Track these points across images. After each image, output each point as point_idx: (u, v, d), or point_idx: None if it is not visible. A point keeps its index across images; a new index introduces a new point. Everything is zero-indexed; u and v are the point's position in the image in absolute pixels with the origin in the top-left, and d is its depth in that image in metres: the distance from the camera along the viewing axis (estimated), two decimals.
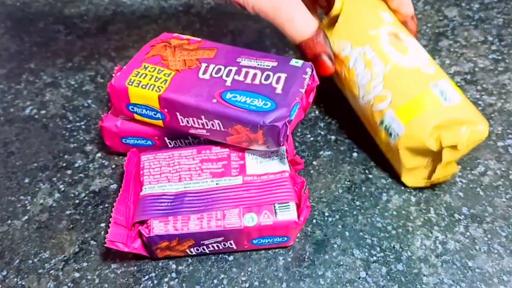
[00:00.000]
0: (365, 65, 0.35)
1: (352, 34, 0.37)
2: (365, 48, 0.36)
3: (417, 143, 0.32)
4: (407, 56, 0.34)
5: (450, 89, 0.33)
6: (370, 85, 0.35)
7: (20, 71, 0.48)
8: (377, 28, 0.36)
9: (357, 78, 0.36)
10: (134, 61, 0.35)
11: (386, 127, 0.34)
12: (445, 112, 0.32)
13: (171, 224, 0.30)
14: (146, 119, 0.35)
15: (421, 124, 0.32)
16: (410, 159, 0.34)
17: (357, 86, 0.36)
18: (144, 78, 0.34)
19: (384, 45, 0.35)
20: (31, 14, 0.56)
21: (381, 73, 0.34)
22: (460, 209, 0.35)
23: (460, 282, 0.31)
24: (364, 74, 0.35)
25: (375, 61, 0.35)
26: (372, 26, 0.36)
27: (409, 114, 0.32)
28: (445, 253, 0.32)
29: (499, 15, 0.51)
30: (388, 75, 0.34)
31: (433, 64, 0.35)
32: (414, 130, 0.32)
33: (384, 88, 0.34)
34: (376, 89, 0.34)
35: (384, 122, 0.34)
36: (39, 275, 0.32)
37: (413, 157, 0.34)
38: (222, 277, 0.32)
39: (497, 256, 0.32)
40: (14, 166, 0.40)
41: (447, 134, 0.31)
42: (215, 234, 0.30)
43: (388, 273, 0.31)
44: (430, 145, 0.32)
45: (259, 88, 0.32)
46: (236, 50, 0.36)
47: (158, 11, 0.55)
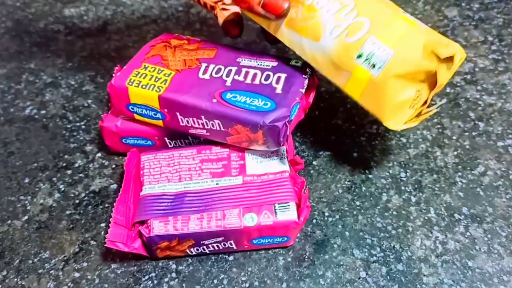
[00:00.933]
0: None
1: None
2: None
3: (410, 65, 0.29)
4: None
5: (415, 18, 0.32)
6: (339, 14, 0.31)
7: (20, 71, 0.48)
8: None
9: (320, 13, 0.31)
10: (134, 61, 0.35)
11: (367, 58, 0.30)
12: (428, 31, 0.30)
13: (171, 224, 0.30)
14: (146, 119, 0.35)
15: (411, 42, 0.29)
16: (399, 91, 0.30)
17: (321, 23, 0.31)
18: (144, 78, 0.34)
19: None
20: (31, 14, 0.56)
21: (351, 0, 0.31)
22: (460, 209, 0.35)
23: (460, 282, 0.31)
24: (330, 5, 0.31)
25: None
26: None
27: (394, 36, 0.30)
28: (445, 253, 0.32)
29: (499, 15, 0.51)
30: (359, 0, 0.31)
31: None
32: (404, 51, 0.29)
33: (358, 16, 0.31)
34: (348, 18, 0.31)
35: (363, 54, 0.30)
36: (39, 275, 0.32)
37: (403, 87, 0.30)
38: (222, 277, 0.32)
39: (497, 256, 0.32)
40: (14, 166, 0.40)
41: (443, 45, 0.29)
42: (215, 234, 0.30)
43: (388, 273, 0.31)
44: (426, 63, 0.29)
45: (259, 88, 0.32)
46: (236, 50, 0.36)
47: (158, 11, 0.55)
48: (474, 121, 0.41)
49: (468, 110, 0.42)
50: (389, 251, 0.33)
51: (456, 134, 0.40)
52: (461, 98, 0.43)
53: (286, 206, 0.31)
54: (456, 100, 0.43)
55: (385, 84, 0.30)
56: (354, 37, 0.30)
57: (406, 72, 0.30)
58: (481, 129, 0.40)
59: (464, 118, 0.41)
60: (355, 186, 0.37)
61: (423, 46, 0.29)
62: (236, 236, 0.31)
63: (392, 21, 0.30)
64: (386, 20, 0.30)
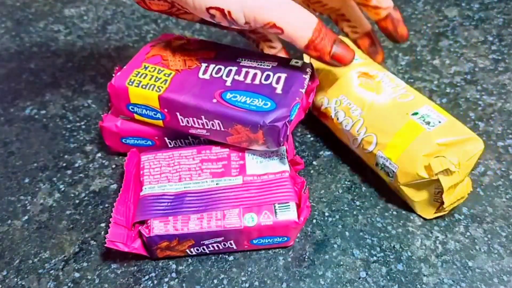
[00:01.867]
0: (345, 113, 0.35)
1: (326, 87, 0.37)
2: (340, 97, 0.36)
3: (412, 178, 0.32)
4: (381, 93, 0.35)
5: (432, 112, 0.33)
6: (354, 130, 0.35)
7: (20, 71, 0.48)
8: (347, 73, 0.36)
9: (342, 126, 0.36)
10: (134, 61, 0.35)
11: (382, 167, 0.34)
12: (430, 138, 0.31)
13: (171, 224, 0.30)
14: (146, 119, 0.35)
15: (410, 157, 0.31)
16: (417, 193, 0.33)
17: (345, 134, 0.36)
18: (144, 78, 0.34)
19: (355, 88, 0.36)
20: (31, 14, 0.56)
21: (360, 116, 0.35)
22: (460, 209, 0.35)
23: (460, 282, 0.31)
24: (346, 122, 0.35)
25: (352, 107, 0.35)
26: (340, 73, 0.37)
27: (397, 151, 0.32)
28: (445, 253, 0.32)
29: (499, 15, 0.51)
30: (366, 117, 0.34)
31: (411, 91, 0.35)
32: (406, 166, 0.32)
33: (367, 132, 0.34)
34: (361, 133, 0.34)
35: (379, 164, 0.34)
36: (39, 275, 0.32)
37: (418, 190, 0.33)
38: (222, 277, 0.32)
39: (497, 256, 0.32)
40: (14, 166, 0.40)
41: (437, 160, 0.31)
42: (215, 234, 0.30)
43: (388, 273, 0.31)
44: (424, 176, 0.31)
45: (259, 88, 0.32)
46: (236, 51, 0.36)
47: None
48: (474, 121, 0.41)
49: (468, 110, 0.42)
50: (389, 251, 0.33)
51: None
52: (461, 98, 0.43)
53: (286, 206, 0.31)
54: (456, 100, 0.43)
55: (400, 189, 0.33)
56: (368, 149, 0.34)
57: (411, 181, 0.32)
58: (481, 129, 0.40)
59: (464, 118, 0.41)
60: (355, 186, 0.37)
61: (421, 158, 0.31)
62: (236, 236, 0.31)
63: (395, 134, 0.32)
64: (390, 133, 0.33)
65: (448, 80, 0.45)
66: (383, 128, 0.33)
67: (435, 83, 0.44)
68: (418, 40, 0.49)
